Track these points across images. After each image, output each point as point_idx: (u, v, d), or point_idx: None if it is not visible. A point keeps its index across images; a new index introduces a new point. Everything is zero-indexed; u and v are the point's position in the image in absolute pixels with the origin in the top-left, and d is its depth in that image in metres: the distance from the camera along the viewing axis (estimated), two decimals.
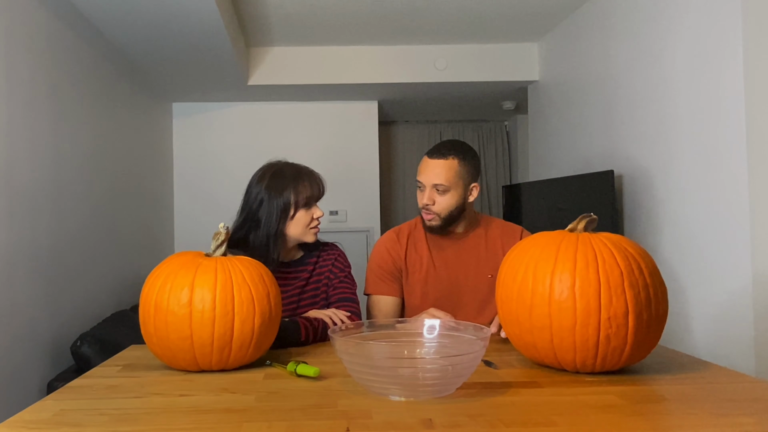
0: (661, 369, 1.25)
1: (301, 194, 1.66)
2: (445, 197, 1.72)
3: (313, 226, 1.69)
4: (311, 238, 1.70)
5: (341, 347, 1.10)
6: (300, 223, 1.67)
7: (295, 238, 1.69)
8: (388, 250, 1.83)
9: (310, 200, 1.67)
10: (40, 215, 2.55)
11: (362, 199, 5.19)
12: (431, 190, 1.72)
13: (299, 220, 1.67)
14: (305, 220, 1.67)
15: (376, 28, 4.06)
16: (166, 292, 1.23)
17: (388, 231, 1.90)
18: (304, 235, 1.69)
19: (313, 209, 1.69)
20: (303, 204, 1.66)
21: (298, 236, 1.69)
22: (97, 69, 3.28)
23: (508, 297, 1.24)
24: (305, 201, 1.66)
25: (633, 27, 3.10)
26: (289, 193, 1.65)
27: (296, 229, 1.67)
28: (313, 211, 1.69)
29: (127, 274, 3.70)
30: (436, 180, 1.70)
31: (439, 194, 1.72)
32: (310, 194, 1.67)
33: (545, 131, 4.32)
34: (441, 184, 1.70)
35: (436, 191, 1.71)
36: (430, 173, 1.72)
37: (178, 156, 5.10)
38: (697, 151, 2.59)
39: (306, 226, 1.68)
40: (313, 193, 1.68)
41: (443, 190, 1.71)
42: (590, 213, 1.27)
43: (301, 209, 1.66)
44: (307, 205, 1.68)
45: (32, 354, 2.48)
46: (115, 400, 1.08)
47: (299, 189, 1.66)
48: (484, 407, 1.01)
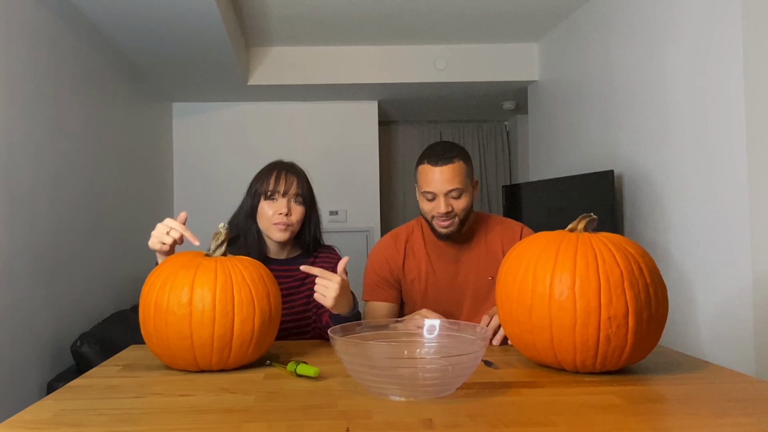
0: (661, 369, 1.25)
1: (264, 186, 1.65)
2: (461, 201, 1.67)
3: (276, 222, 1.62)
4: (276, 236, 1.64)
5: (341, 347, 1.10)
6: (263, 217, 1.65)
7: (265, 233, 1.67)
8: (386, 259, 1.80)
9: (273, 193, 1.63)
10: (40, 215, 2.55)
11: (362, 199, 5.19)
12: (446, 198, 1.66)
13: (262, 212, 1.65)
14: (266, 213, 1.64)
15: (376, 28, 4.06)
16: (166, 292, 1.23)
17: (385, 236, 1.87)
18: (268, 230, 1.65)
19: (277, 204, 1.63)
20: (267, 196, 1.64)
21: (265, 231, 1.66)
22: (97, 69, 3.28)
23: (508, 297, 1.23)
24: (268, 193, 1.64)
25: (633, 27, 3.10)
26: (257, 186, 1.66)
27: (262, 222, 1.66)
28: (277, 205, 1.63)
29: (127, 274, 3.70)
30: (450, 186, 1.65)
31: (454, 200, 1.67)
32: (272, 187, 1.63)
33: (545, 131, 4.32)
34: (456, 188, 1.65)
35: (451, 198, 1.67)
36: (443, 181, 1.65)
37: (178, 156, 5.10)
38: (697, 151, 2.59)
39: (269, 220, 1.63)
40: (277, 186, 1.63)
41: (458, 194, 1.66)
42: (590, 213, 1.27)
43: (263, 201, 1.64)
44: (271, 198, 1.64)
45: (32, 354, 2.48)
46: (115, 400, 1.08)
47: (264, 180, 1.66)
48: (484, 407, 1.01)
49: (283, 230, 1.63)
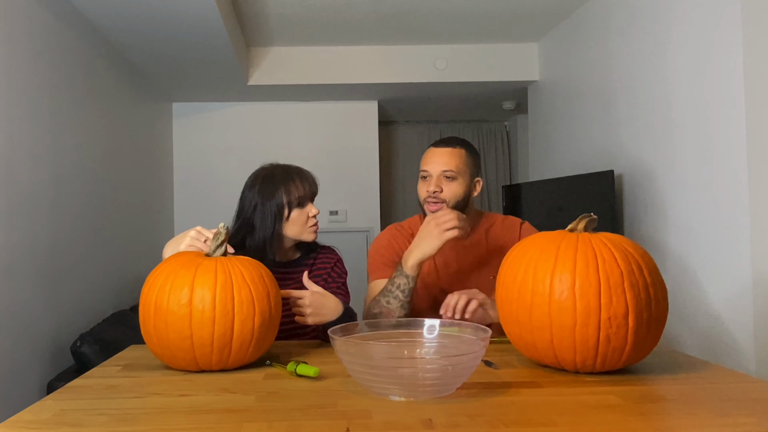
0: (661, 369, 1.25)
1: (293, 194, 1.66)
2: (453, 185, 1.69)
3: (311, 224, 1.68)
4: (310, 237, 1.69)
5: (341, 347, 1.10)
6: (297, 223, 1.67)
7: (294, 238, 1.69)
8: (391, 243, 1.81)
9: (303, 199, 1.67)
10: (40, 215, 2.55)
11: (362, 199, 5.19)
12: (439, 177, 1.69)
13: (295, 220, 1.66)
14: (301, 219, 1.67)
15: (376, 28, 4.06)
16: (166, 292, 1.23)
17: (389, 227, 1.88)
18: (302, 234, 1.68)
19: (308, 207, 1.68)
20: (296, 204, 1.66)
21: (296, 236, 1.69)
22: (97, 69, 3.28)
23: (508, 297, 1.23)
24: (298, 200, 1.66)
25: (633, 27, 3.10)
26: (281, 194, 1.65)
27: (294, 229, 1.67)
28: (308, 209, 1.68)
29: (127, 274, 3.70)
30: (444, 167, 1.68)
31: (446, 182, 1.69)
32: (302, 193, 1.67)
33: (545, 131, 4.32)
34: (450, 170, 1.68)
35: (444, 179, 1.69)
36: (438, 161, 1.69)
37: (178, 156, 5.10)
38: (697, 150, 2.59)
39: (303, 225, 1.67)
40: (305, 191, 1.68)
41: (451, 177, 1.68)
42: (590, 213, 1.27)
43: (295, 209, 1.66)
44: (301, 205, 1.67)
45: (32, 354, 2.48)
46: (115, 400, 1.08)
47: (290, 189, 1.66)
48: (484, 407, 1.01)
49: (317, 229, 1.70)
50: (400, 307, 1.62)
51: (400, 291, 1.62)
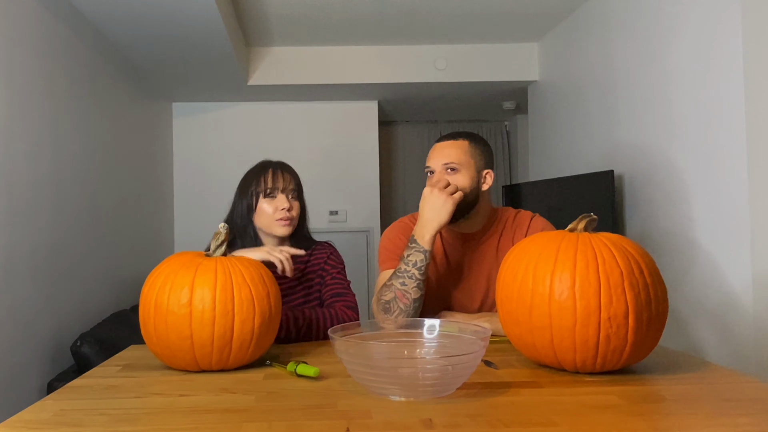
0: (661, 369, 1.25)
1: (261, 185, 1.66)
2: (457, 177, 1.64)
3: (279, 218, 1.66)
4: (280, 231, 1.67)
5: (341, 347, 1.10)
6: (264, 214, 1.67)
7: (266, 231, 1.69)
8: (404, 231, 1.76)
9: (273, 190, 1.66)
10: (40, 215, 2.55)
11: (362, 199, 5.19)
12: (441, 172, 1.66)
13: (262, 211, 1.66)
14: (268, 210, 1.66)
15: (376, 28, 4.06)
16: (166, 292, 1.23)
17: (399, 219, 1.84)
18: (271, 227, 1.67)
19: (277, 200, 1.66)
20: (266, 194, 1.66)
21: (267, 229, 1.68)
22: (97, 69, 3.28)
23: (508, 297, 1.23)
24: (266, 191, 1.66)
25: (633, 26, 3.10)
26: (252, 186, 1.67)
27: (262, 220, 1.67)
28: (277, 202, 1.66)
29: (127, 274, 3.70)
30: (445, 159, 1.65)
31: (450, 175, 1.65)
32: (272, 185, 1.66)
33: (545, 131, 4.32)
34: (451, 162, 1.64)
35: (446, 172, 1.65)
36: (439, 155, 1.67)
37: (178, 156, 5.10)
38: (697, 150, 2.59)
39: (271, 217, 1.66)
40: (276, 183, 1.67)
41: (453, 169, 1.64)
42: (590, 213, 1.27)
43: (264, 199, 1.66)
44: (271, 196, 1.66)
45: (32, 354, 2.48)
46: (115, 400, 1.08)
47: (260, 180, 1.67)
48: (484, 407, 1.01)
49: (287, 225, 1.67)
50: (417, 287, 1.57)
51: (417, 269, 1.57)
